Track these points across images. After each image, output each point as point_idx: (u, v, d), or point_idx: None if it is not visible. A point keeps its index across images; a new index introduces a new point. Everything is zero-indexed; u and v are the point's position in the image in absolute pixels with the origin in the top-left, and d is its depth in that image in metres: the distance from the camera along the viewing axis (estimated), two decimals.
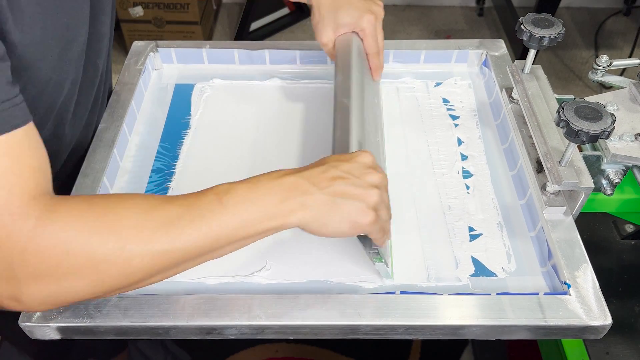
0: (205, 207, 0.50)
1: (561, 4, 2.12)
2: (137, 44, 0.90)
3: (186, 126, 0.82)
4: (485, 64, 0.90)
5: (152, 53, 0.89)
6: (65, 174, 0.74)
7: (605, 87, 0.74)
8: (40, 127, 0.53)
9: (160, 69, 0.92)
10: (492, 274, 0.64)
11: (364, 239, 0.58)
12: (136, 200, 0.50)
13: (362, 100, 0.70)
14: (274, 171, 0.54)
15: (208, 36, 2.28)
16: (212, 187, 0.52)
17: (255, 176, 0.54)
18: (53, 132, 0.67)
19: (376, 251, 0.59)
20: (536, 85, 0.76)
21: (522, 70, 0.77)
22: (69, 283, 0.47)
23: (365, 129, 0.67)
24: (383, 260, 0.60)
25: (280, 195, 0.52)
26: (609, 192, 0.70)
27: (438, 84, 0.89)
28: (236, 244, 0.52)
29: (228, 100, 0.87)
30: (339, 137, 0.64)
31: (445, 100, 0.87)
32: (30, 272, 0.46)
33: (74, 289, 0.48)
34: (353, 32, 0.77)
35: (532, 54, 0.75)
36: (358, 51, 0.76)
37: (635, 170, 0.71)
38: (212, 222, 0.50)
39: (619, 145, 0.69)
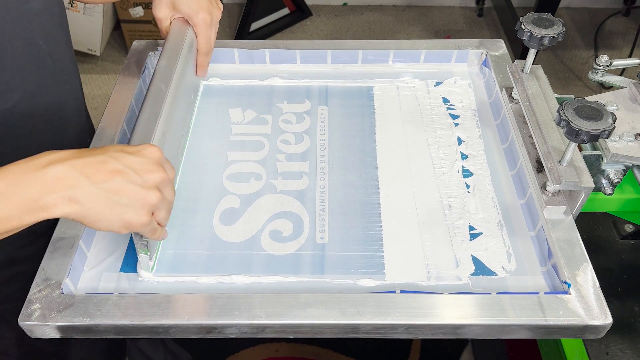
0: None
1: (561, 4, 2.12)
2: (137, 44, 0.90)
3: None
4: (485, 63, 0.90)
5: (152, 52, 0.89)
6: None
7: (604, 87, 0.74)
8: None
9: None
10: (492, 273, 0.64)
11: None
12: None
13: (177, 91, 0.70)
14: (38, 156, 0.49)
15: None
16: None
17: (14, 164, 0.48)
18: None
19: (145, 243, 0.59)
20: (536, 84, 0.76)
21: (522, 70, 0.77)
22: None
23: (173, 120, 0.67)
24: (148, 253, 0.60)
25: (42, 189, 0.47)
26: (609, 192, 0.70)
27: (438, 84, 0.89)
28: None
29: (228, 100, 0.87)
30: (145, 119, 0.62)
31: (445, 100, 0.87)
32: None
33: None
34: (188, 24, 0.78)
35: (532, 53, 0.75)
36: (190, 43, 0.77)
37: (635, 170, 0.71)
38: None
39: (619, 145, 0.69)
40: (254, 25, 2.30)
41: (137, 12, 2.10)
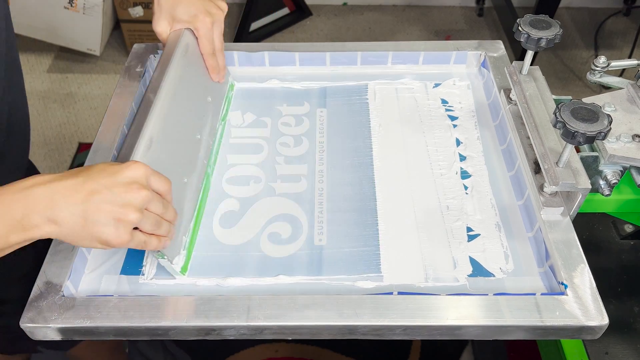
0: None
1: (561, 4, 2.12)
2: (137, 47, 0.90)
3: None
4: (484, 65, 0.90)
5: (152, 55, 0.89)
6: None
7: (605, 88, 0.74)
8: None
9: None
10: (490, 275, 0.64)
11: None
12: None
13: (175, 96, 0.70)
14: (26, 179, 0.51)
15: None
16: None
17: (4, 186, 0.50)
18: None
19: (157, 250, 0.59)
20: (534, 86, 0.76)
21: (520, 72, 0.78)
22: None
23: (171, 126, 0.67)
24: (165, 257, 0.59)
25: (23, 209, 0.49)
26: (607, 193, 0.70)
27: (437, 85, 0.89)
28: None
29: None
30: (132, 130, 0.63)
31: (444, 101, 0.87)
32: None
33: None
34: (189, 29, 0.78)
35: (529, 55, 0.75)
36: (185, 48, 0.76)
37: (633, 171, 0.71)
38: None
39: (616, 146, 0.69)
40: (254, 25, 2.30)
41: (137, 11, 2.10)
